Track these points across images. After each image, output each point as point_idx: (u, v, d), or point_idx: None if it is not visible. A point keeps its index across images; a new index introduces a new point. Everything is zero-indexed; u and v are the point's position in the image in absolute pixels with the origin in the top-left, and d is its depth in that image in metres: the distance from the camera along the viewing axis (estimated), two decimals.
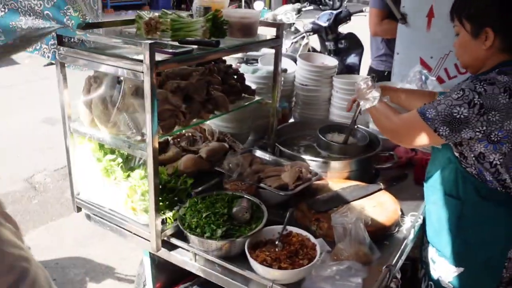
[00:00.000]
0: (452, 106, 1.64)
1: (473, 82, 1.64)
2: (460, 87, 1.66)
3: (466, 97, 1.62)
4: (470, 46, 1.75)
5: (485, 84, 1.61)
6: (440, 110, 1.66)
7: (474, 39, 1.72)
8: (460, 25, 1.76)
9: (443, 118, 1.65)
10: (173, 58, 1.62)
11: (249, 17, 2.08)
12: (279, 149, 2.44)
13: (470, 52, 1.77)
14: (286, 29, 6.38)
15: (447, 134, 1.66)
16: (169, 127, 1.81)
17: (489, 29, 1.66)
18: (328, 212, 2.02)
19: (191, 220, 1.78)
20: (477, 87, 1.62)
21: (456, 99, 1.63)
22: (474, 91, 1.61)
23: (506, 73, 1.64)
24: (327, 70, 2.88)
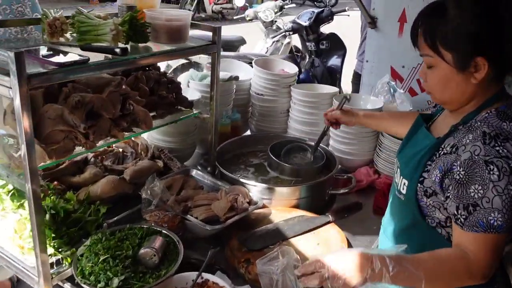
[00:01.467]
0: (506, 190, 1.18)
1: (490, 145, 1.21)
2: (483, 160, 1.20)
3: (505, 169, 1.18)
4: (453, 81, 1.30)
5: (503, 143, 1.21)
6: (500, 207, 1.18)
7: (460, 72, 1.28)
8: (436, 55, 1.29)
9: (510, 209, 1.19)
10: (55, 71, 1.31)
11: (177, 19, 1.77)
12: (219, 170, 2.14)
13: (453, 89, 1.32)
14: (268, 27, 6.07)
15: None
16: (65, 150, 1.51)
17: (482, 59, 1.24)
18: (263, 250, 1.74)
19: (86, 264, 1.48)
20: (500, 150, 1.20)
21: (498, 179, 1.18)
22: (503, 157, 1.19)
23: (508, 116, 1.27)
24: (285, 79, 2.57)
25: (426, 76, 1.38)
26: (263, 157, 2.42)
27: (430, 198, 1.36)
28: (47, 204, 1.61)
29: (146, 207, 1.77)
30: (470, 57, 1.25)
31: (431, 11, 1.31)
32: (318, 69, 5.28)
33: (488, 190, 1.19)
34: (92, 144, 1.59)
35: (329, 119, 2.03)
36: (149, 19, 1.75)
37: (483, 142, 1.23)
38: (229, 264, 1.74)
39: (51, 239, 1.57)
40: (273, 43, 5.91)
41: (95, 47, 1.53)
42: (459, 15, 1.24)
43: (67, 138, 1.50)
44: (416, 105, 2.66)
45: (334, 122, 2.03)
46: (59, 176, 1.91)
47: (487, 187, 1.19)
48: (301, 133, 2.52)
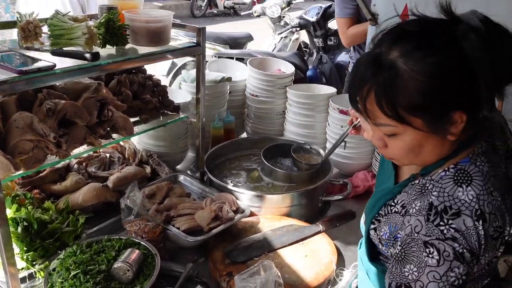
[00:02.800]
0: (444, 277, 1.01)
1: (433, 223, 1.03)
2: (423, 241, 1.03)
3: (446, 254, 1.00)
4: (427, 145, 1.07)
5: (451, 220, 1.02)
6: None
7: (435, 132, 1.04)
8: (399, 124, 1.03)
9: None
10: (15, 79, 1.24)
11: (157, 21, 1.69)
12: (208, 176, 2.06)
13: (428, 152, 1.09)
14: (276, 23, 5.95)
15: None
16: (35, 161, 1.44)
17: (459, 112, 1.00)
18: (247, 262, 1.65)
19: (57, 280, 1.42)
20: (445, 230, 1.01)
21: (437, 265, 1.01)
22: (446, 239, 1.00)
23: (469, 178, 1.05)
24: (281, 79, 2.47)
25: (384, 143, 1.12)
26: (257, 161, 2.33)
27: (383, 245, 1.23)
28: (20, 216, 1.56)
29: (126, 216, 1.70)
30: (446, 115, 1.02)
31: (376, 72, 1.02)
32: (326, 66, 5.14)
33: (423, 274, 1.02)
34: (66, 153, 1.53)
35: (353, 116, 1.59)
36: (127, 20, 1.68)
37: (426, 219, 1.04)
38: (212, 277, 1.66)
39: (24, 252, 1.51)
40: (281, 39, 5.79)
41: (65, 52, 1.47)
42: (416, 71, 0.98)
43: (36, 147, 1.43)
44: None
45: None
46: (40, 184, 1.86)
47: (422, 271, 1.02)
48: (297, 136, 2.42)
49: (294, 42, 5.81)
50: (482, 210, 1.03)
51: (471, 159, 1.08)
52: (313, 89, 2.55)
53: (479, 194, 1.03)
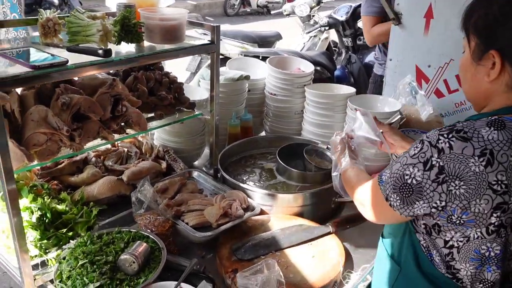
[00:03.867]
0: (405, 166, 1.17)
1: (440, 131, 1.14)
2: (421, 138, 1.17)
3: (422, 154, 1.14)
4: (470, 71, 1.23)
5: (455, 138, 1.10)
6: (393, 171, 1.21)
7: (476, 63, 1.20)
8: (466, 40, 1.24)
9: (394, 182, 1.19)
10: (28, 74, 1.29)
11: (172, 18, 1.72)
12: (221, 173, 2.07)
13: (469, 80, 1.25)
14: (305, 22, 5.92)
15: (399, 205, 1.20)
16: (49, 153, 1.50)
17: (496, 53, 1.14)
18: (253, 260, 1.66)
19: (66, 268, 1.47)
20: (441, 140, 1.11)
21: (412, 155, 1.16)
22: (434, 147, 1.12)
23: (503, 125, 1.12)
24: (299, 78, 2.45)
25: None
26: (273, 159, 2.33)
27: None
28: (36, 205, 1.62)
29: (136, 210, 1.74)
30: (485, 48, 1.17)
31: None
32: (354, 66, 5.08)
33: (402, 156, 1.20)
34: (79, 146, 1.58)
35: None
36: (143, 18, 1.71)
37: (439, 129, 1.16)
38: (218, 272, 1.68)
39: (37, 240, 1.57)
40: (310, 38, 5.75)
41: (79, 49, 1.51)
42: (499, 7, 1.15)
43: (50, 140, 1.48)
44: (442, 108, 2.47)
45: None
46: (58, 175, 1.92)
47: (404, 154, 1.21)
48: (314, 136, 2.40)
49: (323, 41, 5.76)
50: (493, 154, 1.09)
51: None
52: (332, 88, 2.52)
53: (501, 140, 1.10)
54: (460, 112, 2.46)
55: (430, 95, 2.49)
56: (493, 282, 1.21)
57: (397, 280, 1.36)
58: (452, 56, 2.38)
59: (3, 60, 1.38)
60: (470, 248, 1.19)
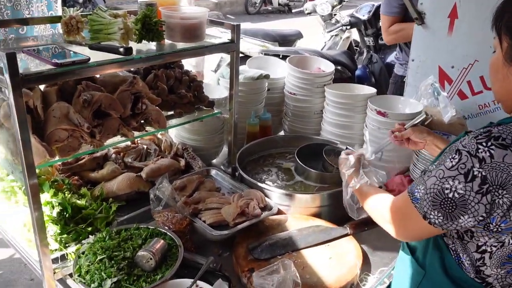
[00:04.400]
0: (444, 180, 1.12)
1: (477, 140, 1.10)
2: (457, 148, 1.13)
3: (462, 165, 1.10)
4: (501, 72, 1.20)
5: (494, 146, 1.08)
6: (429, 186, 1.15)
7: (508, 63, 1.16)
8: (498, 39, 1.20)
9: (433, 198, 1.14)
10: (50, 70, 1.31)
11: (192, 17, 1.73)
12: (239, 172, 2.08)
13: (500, 81, 1.22)
14: (326, 20, 5.87)
15: (441, 221, 1.15)
16: (70, 149, 1.52)
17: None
18: (270, 260, 1.65)
19: (84, 263, 1.49)
20: (481, 149, 1.08)
21: (450, 168, 1.12)
22: (475, 157, 1.08)
23: None
24: (320, 78, 2.43)
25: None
26: (291, 159, 2.32)
27: None
28: (57, 200, 1.65)
29: (155, 207, 1.75)
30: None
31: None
32: (376, 65, 5.01)
33: (436, 169, 1.17)
34: (99, 143, 1.60)
35: (399, 139, 1.81)
36: (164, 17, 1.72)
37: (475, 136, 1.12)
38: (234, 271, 1.68)
39: (57, 234, 1.60)
40: (331, 37, 5.71)
41: (101, 46, 1.53)
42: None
43: (71, 136, 1.51)
44: (466, 110, 2.42)
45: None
46: (78, 171, 1.96)
47: (438, 167, 1.17)
48: (334, 136, 2.39)
49: (344, 40, 5.71)
50: None
51: None
52: (352, 89, 2.50)
53: None
54: (483, 114, 2.41)
55: (453, 96, 2.44)
56: None
57: (421, 284, 1.34)
58: (477, 57, 2.33)
59: (27, 57, 1.41)
60: (503, 253, 1.16)
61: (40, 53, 1.42)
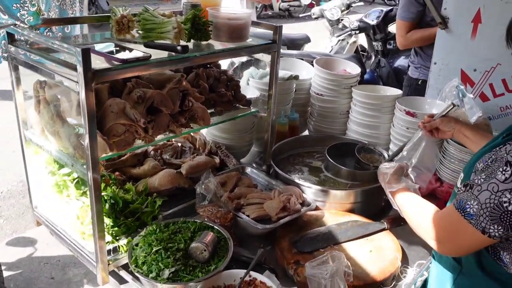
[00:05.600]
0: (500, 193, 1.13)
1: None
2: (506, 159, 1.14)
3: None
4: None
5: None
6: (483, 201, 1.16)
7: None
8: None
9: (491, 212, 1.15)
10: (119, 66, 1.37)
11: (238, 18, 1.79)
12: (274, 169, 2.13)
13: None
14: (334, 25, 5.97)
15: (501, 234, 1.16)
16: (125, 144, 1.57)
17: None
18: (313, 253, 1.71)
19: (140, 254, 1.54)
20: None
21: (504, 180, 1.13)
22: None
23: None
24: (346, 80, 2.51)
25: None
26: (320, 158, 2.38)
27: None
28: (108, 194, 1.69)
29: (200, 201, 1.80)
30: None
31: None
32: (384, 70, 5.11)
33: (487, 182, 1.16)
34: (151, 138, 1.65)
35: (427, 129, 1.85)
36: (211, 17, 1.78)
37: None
38: (278, 264, 1.73)
39: (110, 227, 1.65)
40: (338, 41, 5.80)
41: (157, 44, 1.58)
42: None
43: (127, 131, 1.56)
44: (487, 112, 2.50)
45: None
46: (121, 167, 2.00)
47: (488, 180, 1.16)
48: (360, 136, 2.46)
49: (351, 45, 5.81)
50: None
51: None
52: (378, 90, 2.57)
53: None
54: (504, 116, 2.49)
55: (475, 98, 2.52)
56: None
57: (458, 278, 1.39)
58: (499, 61, 2.41)
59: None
60: None
61: (102, 50, 1.47)
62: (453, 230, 1.26)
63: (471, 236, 1.20)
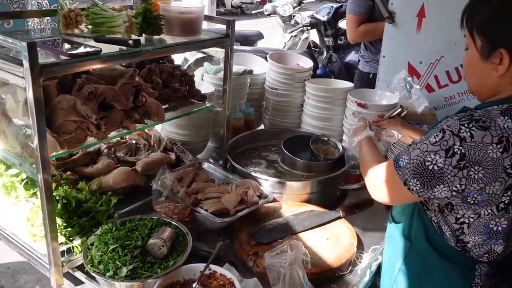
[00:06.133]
0: (426, 153, 1.25)
1: (461, 121, 1.22)
2: (442, 127, 1.26)
3: (444, 142, 1.23)
4: (478, 68, 1.31)
5: (475, 128, 1.20)
6: (412, 157, 1.29)
7: (484, 60, 1.28)
8: (470, 38, 1.31)
9: (414, 167, 1.28)
10: (68, 61, 1.32)
11: (190, 12, 1.78)
12: (231, 164, 2.14)
13: (477, 76, 1.34)
14: (286, 22, 6.04)
15: (419, 189, 1.29)
16: (77, 141, 1.53)
17: (504, 51, 1.23)
18: (272, 244, 1.73)
19: (96, 253, 1.50)
20: (463, 130, 1.21)
21: (433, 143, 1.25)
22: (457, 136, 1.21)
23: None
24: (300, 73, 2.55)
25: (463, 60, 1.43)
26: (276, 151, 2.41)
27: None
28: (59, 194, 1.64)
29: (156, 198, 1.78)
30: (494, 47, 1.24)
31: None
32: (335, 65, 5.23)
33: (421, 143, 1.29)
34: (104, 135, 1.61)
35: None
36: (162, 11, 1.76)
37: (458, 118, 1.24)
38: (237, 256, 1.74)
39: (63, 228, 1.60)
40: (291, 38, 5.88)
41: (108, 39, 1.55)
42: (500, 6, 1.24)
43: (79, 128, 1.52)
44: (433, 102, 2.62)
45: None
46: (72, 166, 1.94)
47: (423, 141, 1.29)
48: (314, 128, 2.51)
49: (303, 41, 5.91)
50: (509, 141, 1.19)
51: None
52: (330, 83, 2.63)
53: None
54: (449, 106, 2.62)
55: (422, 89, 2.64)
56: (498, 253, 1.34)
57: (408, 253, 1.48)
58: (443, 53, 2.54)
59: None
60: (480, 223, 1.30)
61: (49, 45, 1.42)
62: (387, 179, 1.40)
63: (397, 185, 1.34)
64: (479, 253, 1.35)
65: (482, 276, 1.37)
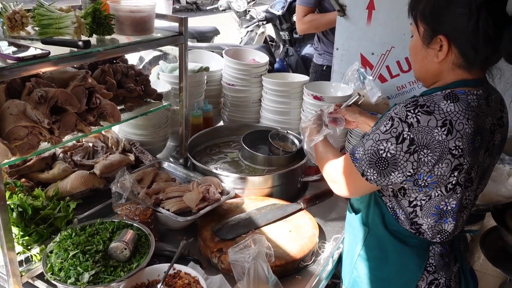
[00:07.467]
0: (379, 142, 1.30)
1: (407, 108, 1.27)
2: (390, 115, 1.30)
3: (394, 130, 1.27)
4: (421, 54, 1.37)
5: (420, 113, 1.25)
6: (367, 148, 1.33)
7: (426, 46, 1.35)
8: (415, 25, 1.38)
9: (370, 157, 1.32)
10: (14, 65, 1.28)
11: (141, 10, 1.75)
12: (191, 162, 2.14)
13: (421, 62, 1.40)
14: (241, 17, 6.04)
15: (376, 178, 1.33)
16: (29, 147, 1.48)
17: (443, 38, 1.29)
18: (235, 239, 1.75)
19: (56, 261, 1.47)
20: (409, 116, 1.26)
21: (384, 132, 1.29)
22: (404, 122, 1.26)
23: (457, 98, 1.28)
24: (256, 68, 2.57)
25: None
26: (236, 147, 2.43)
27: None
28: (14, 202, 1.59)
29: (116, 200, 1.76)
30: (434, 34, 1.31)
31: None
32: (292, 58, 5.29)
33: (373, 133, 1.33)
34: (58, 139, 1.57)
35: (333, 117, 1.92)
36: (112, 10, 1.73)
37: (405, 105, 1.29)
38: (202, 254, 1.75)
39: (20, 237, 1.55)
40: (247, 33, 5.89)
41: (56, 41, 1.50)
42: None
43: (31, 134, 1.47)
44: (386, 92, 2.70)
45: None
46: (27, 172, 1.88)
47: (374, 131, 1.33)
48: (273, 122, 2.53)
49: (260, 35, 5.93)
50: (452, 123, 1.25)
51: (466, 92, 1.31)
52: (286, 77, 2.66)
53: (457, 111, 1.27)
54: (401, 95, 2.71)
55: (375, 80, 2.71)
56: (449, 232, 1.41)
57: (367, 239, 1.54)
58: (393, 44, 2.62)
59: None
60: (431, 205, 1.37)
61: None
62: (345, 173, 1.44)
63: (356, 177, 1.38)
64: (432, 234, 1.42)
65: (435, 256, 1.44)
